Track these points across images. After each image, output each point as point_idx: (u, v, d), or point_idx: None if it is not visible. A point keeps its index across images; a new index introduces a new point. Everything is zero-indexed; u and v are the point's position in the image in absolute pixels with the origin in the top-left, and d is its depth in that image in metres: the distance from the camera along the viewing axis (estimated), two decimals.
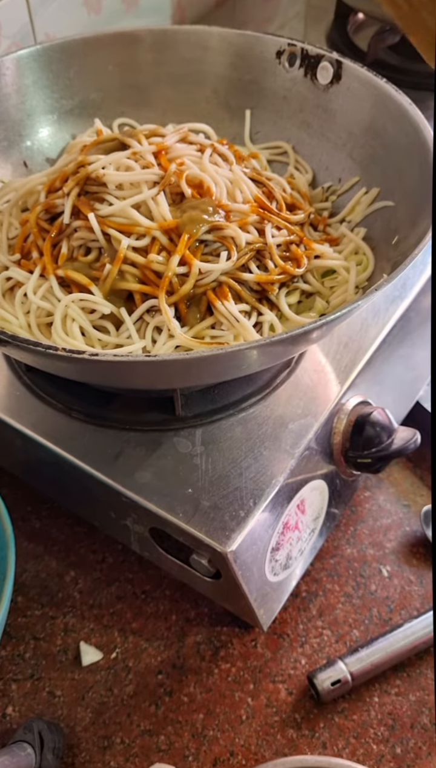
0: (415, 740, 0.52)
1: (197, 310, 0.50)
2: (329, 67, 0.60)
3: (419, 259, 0.46)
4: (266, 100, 0.65)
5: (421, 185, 0.51)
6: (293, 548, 0.53)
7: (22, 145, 0.63)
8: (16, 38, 0.75)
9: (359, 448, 0.54)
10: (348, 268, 0.54)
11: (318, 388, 0.54)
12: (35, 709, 0.53)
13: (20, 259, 0.54)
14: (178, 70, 0.66)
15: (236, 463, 0.50)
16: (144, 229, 0.50)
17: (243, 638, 0.57)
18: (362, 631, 0.57)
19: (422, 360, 0.67)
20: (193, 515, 0.47)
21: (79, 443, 0.51)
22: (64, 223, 0.52)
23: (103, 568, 0.60)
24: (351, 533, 0.63)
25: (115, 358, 0.40)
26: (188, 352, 0.40)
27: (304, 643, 0.56)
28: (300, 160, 0.64)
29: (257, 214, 0.53)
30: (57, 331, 0.49)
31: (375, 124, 0.57)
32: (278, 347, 0.44)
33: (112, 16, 0.84)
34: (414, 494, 0.65)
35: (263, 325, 0.51)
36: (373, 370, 0.57)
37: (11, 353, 0.47)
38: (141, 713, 0.53)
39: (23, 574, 0.60)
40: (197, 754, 0.51)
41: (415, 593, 0.59)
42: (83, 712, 0.53)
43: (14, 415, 0.53)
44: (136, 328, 0.50)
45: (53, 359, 0.43)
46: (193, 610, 0.58)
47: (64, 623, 0.57)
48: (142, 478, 0.49)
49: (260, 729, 0.52)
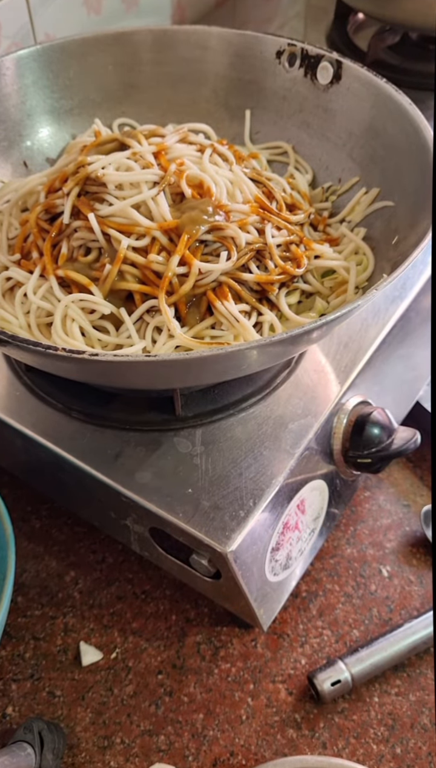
0: (415, 740, 0.52)
1: (197, 310, 0.50)
2: (329, 67, 0.60)
3: (419, 259, 0.46)
4: (266, 100, 0.65)
5: (421, 185, 0.51)
6: (293, 548, 0.53)
7: (22, 145, 0.63)
8: (16, 38, 0.75)
9: (359, 448, 0.54)
10: (348, 268, 0.54)
11: (318, 388, 0.54)
12: (35, 709, 0.53)
13: (20, 259, 0.54)
14: (178, 70, 0.66)
15: (236, 463, 0.50)
16: (144, 229, 0.50)
17: (243, 638, 0.57)
18: (362, 631, 0.57)
19: (422, 360, 0.67)
20: (193, 515, 0.47)
21: (79, 443, 0.51)
22: (63, 223, 0.52)
23: (103, 568, 0.60)
24: (351, 533, 0.63)
25: (115, 358, 0.40)
26: (188, 353, 0.40)
27: (304, 643, 0.56)
28: (300, 160, 0.64)
29: (257, 214, 0.53)
30: (57, 331, 0.49)
31: (375, 124, 0.57)
32: (278, 347, 0.44)
33: (112, 16, 0.85)
34: (414, 494, 0.65)
35: (263, 325, 0.51)
36: (373, 370, 0.57)
37: (11, 353, 0.47)
38: (141, 713, 0.53)
39: (23, 574, 0.60)
40: (197, 754, 0.51)
41: (415, 593, 0.59)
42: (83, 712, 0.53)
43: (14, 415, 0.53)
44: (136, 328, 0.50)
45: (53, 359, 0.43)
46: (193, 610, 0.58)
47: (64, 623, 0.57)
48: (142, 478, 0.49)
49: (260, 729, 0.52)
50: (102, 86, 0.65)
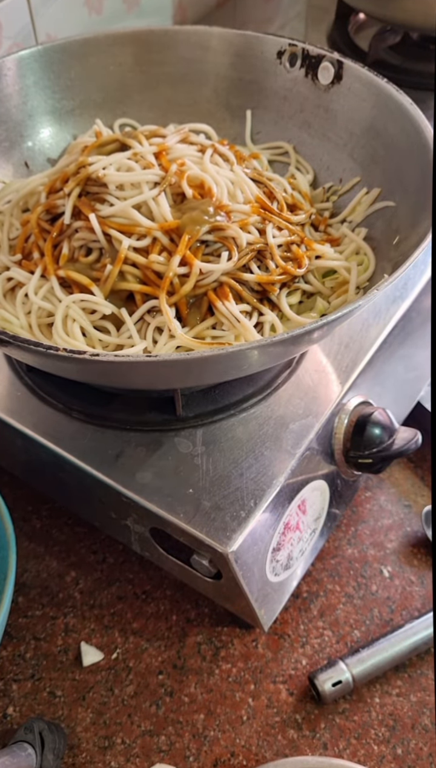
0: (416, 741, 0.52)
1: (198, 310, 0.50)
2: (330, 68, 0.60)
3: (420, 260, 0.46)
4: (267, 101, 0.65)
5: (422, 185, 0.51)
6: (294, 548, 0.53)
7: (23, 145, 0.64)
8: (17, 39, 0.75)
9: (360, 449, 0.54)
10: (349, 268, 0.54)
11: (319, 388, 0.54)
12: (36, 709, 0.53)
13: (21, 259, 0.54)
14: (179, 70, 0.66)
15: (237, 463, 0.50)
16: (145, 229, 0.50)
17: (244, 638, 0.57)
18: (363, 632, 0.57)
19: (423, 360, 0.67)
20: (194, 515, 0.47)
21: (79, 443, 0.51)
22: (64, 223, 0.52)
23: (104, 568, 0.60)
24: (352, 533, 0.63)
25: (116, 358, 0.40)
26: (189, 353, 0.40)
27: (305, 644, 0.56)
28: (301, 161, 0.64)
29: (258, 214, 0.53)
30: (58, 332, 0.49)
31: (376, 124, 0.57)
32: (279, 347, 0.44)
33: (113, 17, 0.85)
34: (415, 494, 0.65)
35: (264, 326, 0.51)
36: (374, 370, 0.57)
37: (12, 353, 0.47)
38: (142, 713, 0.53)
39: (24, 574, 0.60)
40: (198, 754, 0.51)
41: (416, 594, 0.59)
42: (84, 712, 0.53)
43: (15, 415, 0.53)
44: (137, 328, 0.50)
45: (54, 359, 0.43)
46: (193, 611, 0.58)
47: (64, 623, 0.57)
48: (143, 479, 0.49)
49: (261, 729, 0.52)
50: (103, 86, 0.65)
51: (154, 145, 0.55)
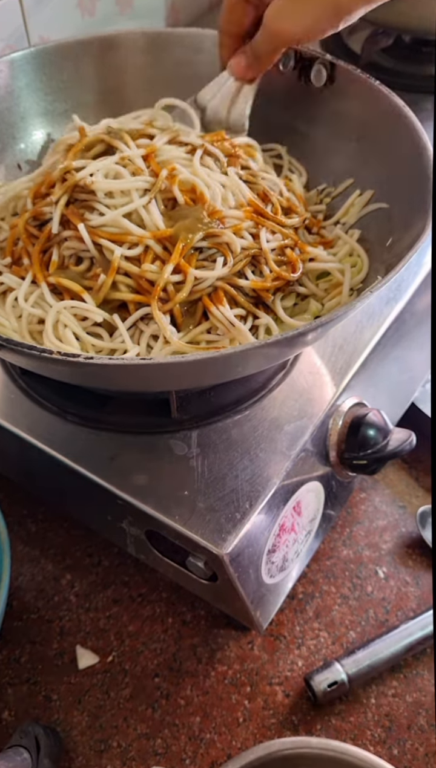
0: (412, 742, 0.52)
1: (193, 316, 0.49)
2: (322, 70, 0.60)
3: (413, 261, 0.46)
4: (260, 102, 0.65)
5: (415, 187, 0.51)
6: (290, 550, 0.53)
7: (15, 147, 0.63)
8: (9, 41, 0.75)
9: (355, 450, 0.54)
10: (343, 270, 0.54)
11: (314, 390, 0.54)
12: (32, 713, 0.53)
13: (11, 263, 0.54)
14: (172, 72, 0.66)
15: (232, 465, 0.50)
16: (136, 238, 0.49)
17: (240, 640, 0.57)
18: (358, 633, 0.57)
19: (418, 361, 0.67)
20: (190, 517, 0.47)
21: (74, 446, 0.51)
22: (52, 232, 0.51)
23: (99, 571, 0.60)
24: (347, 535, 0.63)
25: (111, 361, 0.40)
26: (183, 355, 0.40)
27: (301, 645, 0.56)
28: (294, 163, 0.64)
29: (252, 219, 0.52)
30: (48, 336, 0.48)
31: (369, 126, 0.57)
32: (273, 350, 0.44)
33: (106, 19, 0.85)
34: (410, 495, 0.65)
35: (259, 329, 0.51)
36: (368, 371, 0.57)
37: (6, 357, 0.47)
38: (138, 716, 0.53)
39: (19, 577, 0.60)
40: (194, 757, 0.51)
41: (411, 594, 0.59)
42: (80, 715, 0.53)
43: (9, 418, 0.53)
44: (130, 334, 0.49)
45: (48, 363, 0.43)
46: (189, 613, 0.58)
47: (60, 627, 0.57)
48: (138, 481, 0.49)
49: (257, 731, 0.52)
50: (96, 89, 0.65)
51: (142, 147, 0.54)
